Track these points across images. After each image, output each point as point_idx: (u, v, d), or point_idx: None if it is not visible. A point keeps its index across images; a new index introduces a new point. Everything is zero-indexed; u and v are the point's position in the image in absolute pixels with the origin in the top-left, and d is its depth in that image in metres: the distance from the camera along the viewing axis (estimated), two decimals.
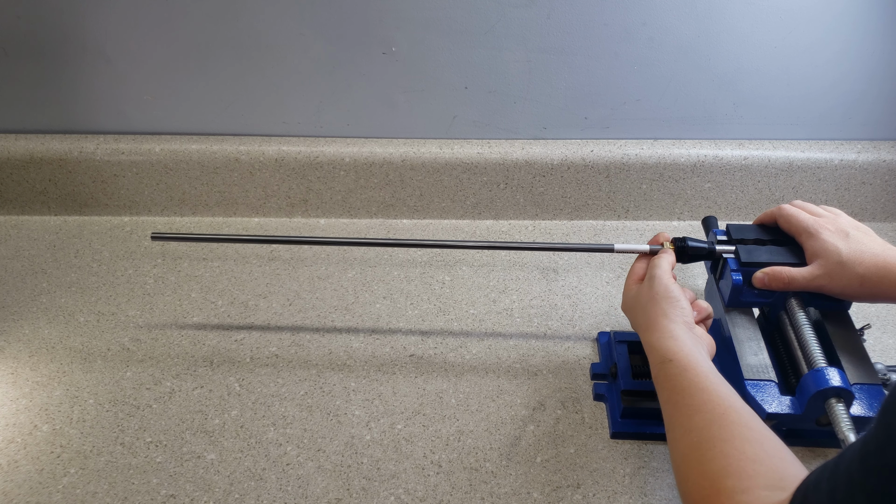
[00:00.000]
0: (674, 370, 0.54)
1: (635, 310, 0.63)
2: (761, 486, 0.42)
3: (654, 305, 0.60)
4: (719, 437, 0.47)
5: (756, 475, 0.43)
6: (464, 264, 0.89)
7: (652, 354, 0.57)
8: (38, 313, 0.81)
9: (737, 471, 0.44)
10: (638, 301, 0.63)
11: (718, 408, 0.49)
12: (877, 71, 0.87)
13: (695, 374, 0.53)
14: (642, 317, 0.61)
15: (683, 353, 0.55)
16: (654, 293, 0.61)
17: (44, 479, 0.63)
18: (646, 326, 0.60)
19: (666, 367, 0.55)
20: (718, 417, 0.48)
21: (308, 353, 0.76)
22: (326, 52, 0.86)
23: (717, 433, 0.47)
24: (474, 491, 0.62)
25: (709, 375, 0.52)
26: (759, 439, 0.46)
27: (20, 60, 0.86)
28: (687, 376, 0.53)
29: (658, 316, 0.59)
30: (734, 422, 0.48)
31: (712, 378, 0.52)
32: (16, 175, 0.93)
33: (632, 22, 0.83)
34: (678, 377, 0.53)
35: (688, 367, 0.53)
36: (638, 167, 0.92)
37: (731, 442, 0.46)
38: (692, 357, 0.54)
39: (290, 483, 0.63)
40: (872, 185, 0.93)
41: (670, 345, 0.56)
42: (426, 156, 0.92)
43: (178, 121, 0.92)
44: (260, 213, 0.97)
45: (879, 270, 0.58)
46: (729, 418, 0.48)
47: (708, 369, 0.53)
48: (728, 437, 0.46)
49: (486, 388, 0.72)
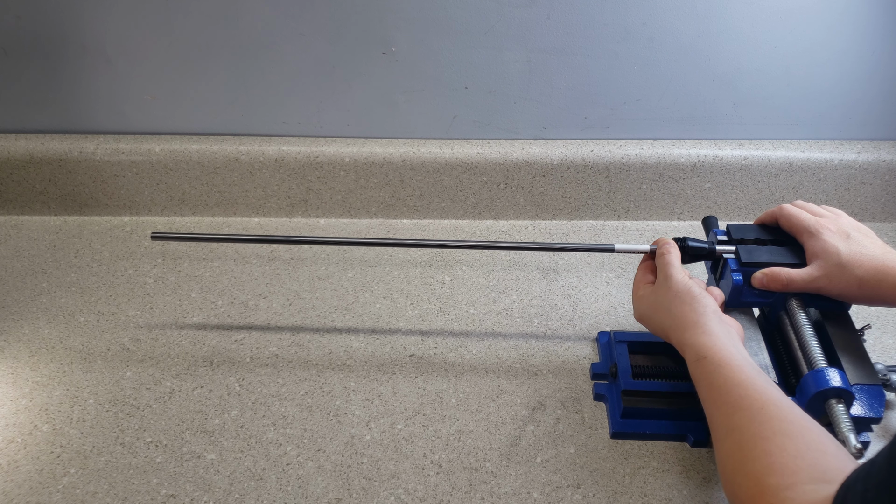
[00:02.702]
0: (709, 367, 0.54)
1: (658, 313, 0.62)
2: (805, 482, 0.42)
3: (679, 303, 0.59)
4: (760, 434, 0.47)
5: (799, 471, 0.43)
6: (464, 264, 0.89)
7: (686, 352, 0.57)
8: (38, 313, 0.81)
9: (780, 468, 0.44)
10: (658, 304, 0.62)
11: (756, 403, 0.49)
12: (877, 71, 0.87)
13: (729, 370, 0.52)
14: (668, 318, 0.60)
15: (717, 347, 0.54)
16: (674, 292, 0.60)
17: (44, 479, 0.63)
18: (674, 326, 0.59)
19: (701, 364, 0.54)
20: (757, 413, 0.48)
21: (308, 353, 0.76)
22: (326, 52, 0.86)
23: (758, 430, 0.47)
24: (474, 491, 0.62)
25: (744, 369, 0.52)
26: (799, 433, 0.46)
27: (20, 60, 0.86)
28: (722, 372, 0.52)
29: (686, 313, 0.59)
30: (773, 417, 0.48)
31: (747, 371, 0.52)
32: (16, 175, 0.93)
33: (632, 22, 0.83)
34: (714, 374, 0.53)
35: (722, 363, 0.53)
36: (638, 167, 0.92)
37: (773, 439, 0.46)
38: (726, 351, 0.54)
39: (290, 483, 0.63)
40: (872, 185, 0.93)
41: (704, 340, 0.55)
42: (426, 156, 0.92)
43: (178, 121, 0.92)
44: (260, 213, 0.97)
45: (878, 274, 0.58)
46: (767, 413, 0.48)
47: (742, 362, 0.53)
48: (769, 434, 0.46)
49: (486, 388, 0.72)
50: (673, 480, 0.63)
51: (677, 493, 0.62)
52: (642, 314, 0.65)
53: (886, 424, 0.67)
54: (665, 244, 0.66)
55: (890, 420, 0.68)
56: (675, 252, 0.65)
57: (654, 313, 0.63)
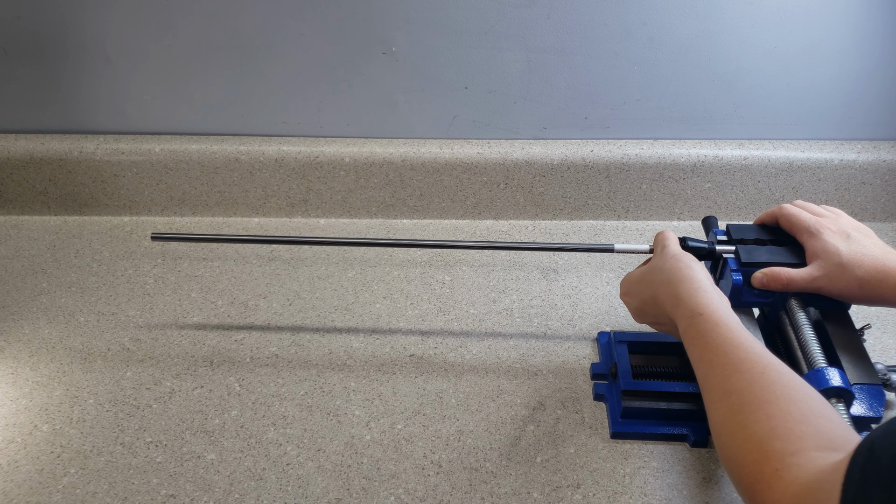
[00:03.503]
0: (705, 325, 0.52)
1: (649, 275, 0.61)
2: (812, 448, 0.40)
3: (675, 261, 0.59)
4: (762, 398, 0.45)
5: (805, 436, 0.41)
6: (464, 264, 0.89)
7: (679, 308, 0.56)
8: (38, 313, 0.81)
9: (784, 433, 0.42)
10: (650, 267, 0.62)
11: (757, 366, 0.47)
12: (876, 71, 0.87)
13: (727, 330, 0.51)
14: (660, 274, 0.59)
15: (714, 306, 0.53)
16: (669, 254, 0.60)
17: (44, 479, 0.63)
18: (668, 281, 0.58)
19: (696, 321, 0.53)
20: (758, 377, 0.46)
21: (308, 353, 0.76)
22: (326, 52, 0.86)
23: (760, 394, 0.45)
24: (474, 491, 0.62)
25: (741, 331, 0.51)
26: (803, 398, 0.44)
27: (20, 60, 0.86)
28: (720, 332, 0.51)
29: (682, 268, 0.58)
30: (775, 381, 0.46)
31: (745, 334, 0.51)
32: (16, 175, 0.93)
33: (632, 22, 0.83)
34: (710, 332, 0.51)
35: (719, 322, 0.52)
36: (638, 167, 0.92)
37: (776, 403, 0.44)
38: (722, 311, 0.53)
39: (290, 483, 0.63)
40: (872, 185, 0.93)
41: (700, 297, 0.54)
42: (426, 156, 0.92)
43: (178, 121, 0.92)
44: (260, 213, 0.97)
45: (878, 274, 0.58)
46: (769, 377, 0.46)
47: (739, 324, 0.52)
48: (772, 398, 0.44)
49: (486, 388, 0.72)
50: (673, 480, 0.63)
51: (677, 493, 0.62)
52: (629, 287, 0.65)
53: None
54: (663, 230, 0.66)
55: None
56: (673, 235, 0.65)
57: (643, 277, 0.62)
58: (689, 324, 0.54)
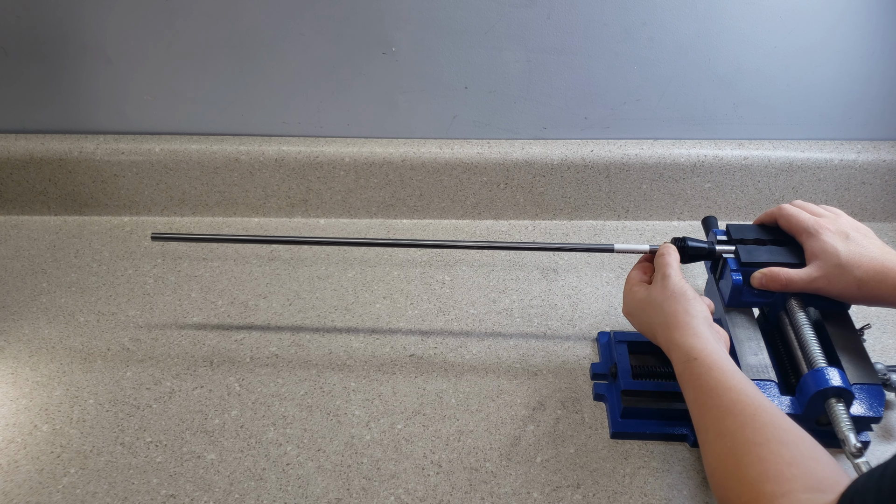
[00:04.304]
0: (699, 369, 0.53)
1: (648, 309, 0.62)
2: (800, 490, 0.42)
3: (673, 302, 0.59)
4: (753, 440, 0.46)
5: (794, 478, 0.43)
6: (464, 264, 0.89)
7: (675, 352, 0.57)
8: (38, 313, 0.81)
9: (775, 475, 0.44)
10: (651, 301, 0.62)
11: (749, 408, 0.49)
12: (877, 71, 0.87)
13: (720, 373, 0.52)
14: (659, 315, 0.60)
15: (707, 350, 0.54)
16: (669, 291, 0.60)
17: (44, 479, 0.63)
18: (665, 324, 0.59)
19: (691, 365, 0.54)
20: (750, 419, 0.48)
21: (308, 353, 0.76)
22: (326, 52, 0.86)
23: (751, 436, 0.47)
24: (474, 491, 0.62)
25: (735, 374, 0.52)
26: (793, 441, 0.46)
27: (20, 60, 0.86)
28: (713, 375, 0.52)
29: (679, 313, 0.58)
30: (767, 423, 0.47)
31: (738, 377, 0.52)
32: (16, 175, 0.93)
33: (632, 22, 0.83)
34: (704, 376, 0.53)
35: (713, 366, 0.53)
36: (638, 167, 0.92)
37: (767, 445, 0.46)
38: (716, 354, 0.54)
39: (290, 483, 0.63)
40: (872, 185, 0.93)
41: (694, 342, 0.55)
42: (426, 156, 0.92)
43: (178, 121, 0.92)
44: (260, 213, 0.97)
45: (877, 275, 0.58)
46: (761, 419, 0.48)
47: (733, 368, 0.53)
48: (763, 440, 0.46)
49: (486, 388, 0.72)
50: (673, 480, 0.63)
51: (677, 493, 0.62)
52: (631, 310, 0.65)
53: (886, 424, 0.67)
54: (666, 246, 0.66)
55: (890, 420, 0.68)
56: (675, 255, 0.65)
57: (644, 309, 0.63)
58: (685, 368, 0.55)
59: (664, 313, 0.60)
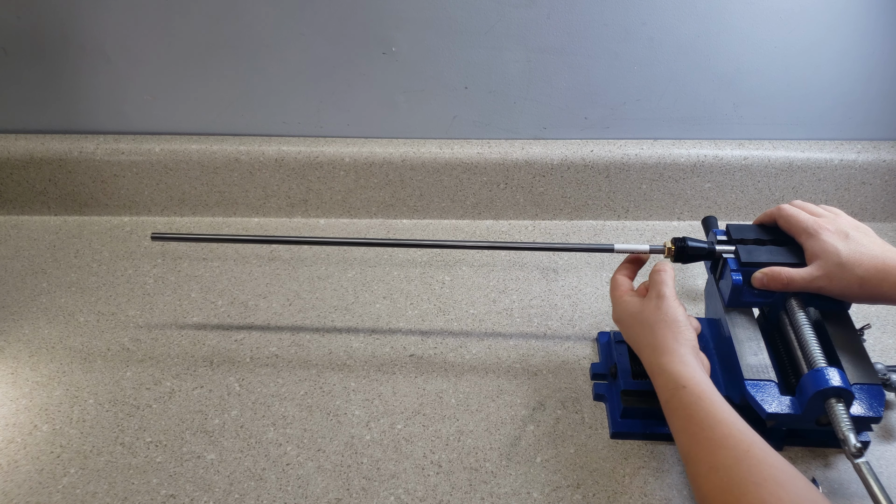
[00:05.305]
0: (689, 398, 0.53)
1: (638, 327, 0.62)
2: None
3: (664, 327, 0.59)
4: (750, 479, 0.47)
5: None
6: (464, 264, 0.89)
7: (661, 378, 0.57)
8: (38, 313, 0.81)
9: None
10: (643, 318, 0.62)
11: (742, 444, 0.49)
12: (877, 71, 0.87)
13: (710, 404, 0.52)
14: (648, 336, 0.60)
15: (696, 379, 0.54)
16: (662, 315, 0.60)
17: (44, 479, 0.63)
18: (654, 347, 0.59)
19: (679, 393, 0.54)
20: (744, 455, 0.48)
21: (308, 353, 0.76)
22: (326, 52, 0.86)
23: (747, 475, 0.47)
24: (474, 491, 0.62)
25: (723, 406, 0.52)
26: (789, 481, 0.46)
27: (20, 60, 0.86)
28: (703, 405, 0.52)
29: (668, 339, 0.58)
30: (762, 461, 0.48)
31: (727, 409, 0.52)
32: (16, 175, 0.93)
33: (632, 22, 0.83)
34: (693, 406, 0.53)
35: (702, 396, 0.53)
36: (638, 167, 0.92)
37: (765, 486, 0.46)
38: (705, 384, 0.54)
39: (290, 483, 0.63)
40: (872, 185, 0.93)
41: (683, 370, 0.56)
42: (426, 156, 0.92)
43: (178, 121, 0.92)
44: (260, 213, 0.97)
45: (879, 273, 0.58)
46: (755, 456, 0.48)
47: (720, 399, 0.53)
48: (760, 479, 0.46)
49: (486, 388, 0.72)
50: (673, 480, 0.63)
51: (677, 493, 0.62)
52: (621, 319, 0.65)
53: (886, 424, 0.67)
54: (663, 262, 0.66)
55: (890, 420, 0.68)
56: (671, 272, 0.64)
57: (633, 324, 0.63)
58: (672, 395, 0.55)
59: (654, 335, 0.60)
